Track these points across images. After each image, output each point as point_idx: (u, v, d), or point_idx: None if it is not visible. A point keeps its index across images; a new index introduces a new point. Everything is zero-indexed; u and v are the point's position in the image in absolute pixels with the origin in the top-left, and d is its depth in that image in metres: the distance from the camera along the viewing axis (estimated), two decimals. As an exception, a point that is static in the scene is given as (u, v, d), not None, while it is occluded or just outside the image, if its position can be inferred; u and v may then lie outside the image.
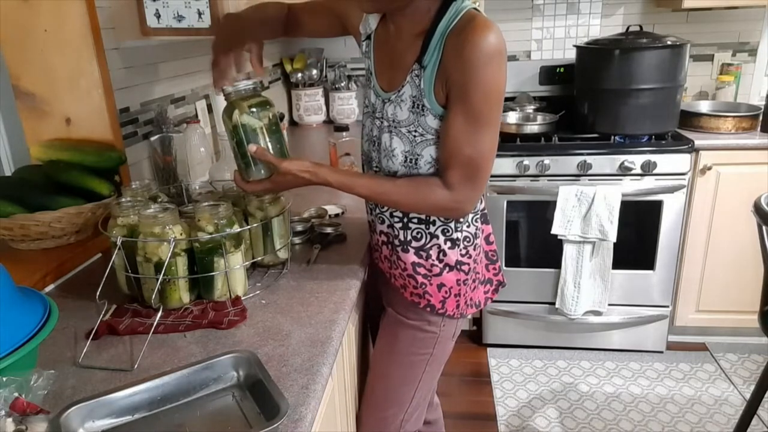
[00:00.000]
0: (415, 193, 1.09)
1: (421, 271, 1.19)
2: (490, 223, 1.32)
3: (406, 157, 1.11)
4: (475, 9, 1.04)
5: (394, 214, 1.18)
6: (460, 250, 1.18)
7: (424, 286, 1.20)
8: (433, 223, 1.16)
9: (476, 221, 1.22)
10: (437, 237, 1.17)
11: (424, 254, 1.18)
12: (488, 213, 2.47)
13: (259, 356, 0.91)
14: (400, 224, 1.18)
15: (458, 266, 1.19)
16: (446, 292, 1.20)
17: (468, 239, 1.19)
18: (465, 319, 1.28)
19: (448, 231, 1.17)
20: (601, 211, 2.28)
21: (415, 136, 1.09)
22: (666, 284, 2.45)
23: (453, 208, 1.10)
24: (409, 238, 1.18)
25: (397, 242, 1.20)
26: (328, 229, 1.42)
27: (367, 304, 1.49)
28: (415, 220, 1.16)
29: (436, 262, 1.18)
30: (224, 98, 1.10)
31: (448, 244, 1.17)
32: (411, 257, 1.18)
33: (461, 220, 1.17)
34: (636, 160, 2.28)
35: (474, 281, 1.24)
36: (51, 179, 1.33)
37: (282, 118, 2.23)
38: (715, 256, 2.46)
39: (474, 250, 1.21)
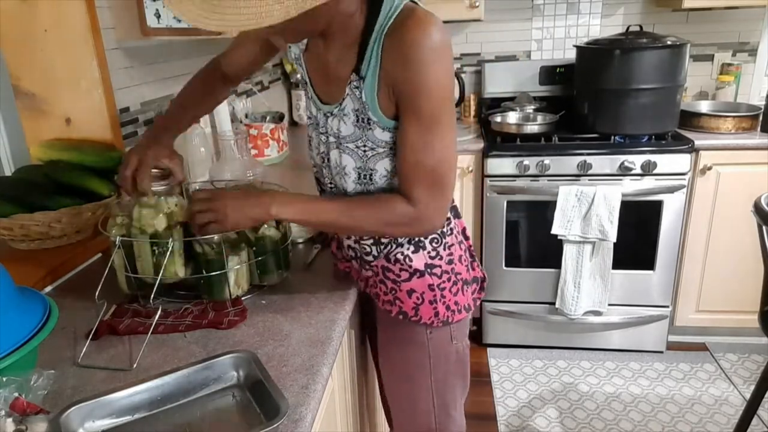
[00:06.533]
0: (376, 214, 0.99)
1: (390, 276, 1.11)
2: (463, 219, 1.21)
3: (359, 174, 1.02)
4: (413, 1, 0.92)
5: None
6: (428, 252, 1.09)
7: (394, 292, 1.12)
8: None
9: (447, 217, 1.11)
10: (401, 243, 1.08)
11: (392, 258, 1.10)
12: (488, 213, 2.43)
13: (259, 356, 0.91)
14: (370, 240, 1.10)
15: (429, 270, 1.10)
16: (418, 299, 1.11)
17: (436, 240, 1.09)
18: (464, 321, 1.20)
19: None
20: (601, 211, 2.28)
21: (365, 151, 1.00)
22: (666, 284, 2.45)
23: (422, 225, 1.00)
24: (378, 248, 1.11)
25: (364, 254, 1.13)
26: (328, 229, 1.41)
27: (366, 311, 1.48)
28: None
29: (405, 268, 1.09)
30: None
31: (411, 248, 1.08)
32: (381, 261, 1.11)
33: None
34: (636, 160, 2.28)
35: (455, 283, 1.13)
36: (51, 179, 1.33)
37: (282, 118, 2.24)
38: (715, 256, 2.46)
39: (445, 249, 1.11)
